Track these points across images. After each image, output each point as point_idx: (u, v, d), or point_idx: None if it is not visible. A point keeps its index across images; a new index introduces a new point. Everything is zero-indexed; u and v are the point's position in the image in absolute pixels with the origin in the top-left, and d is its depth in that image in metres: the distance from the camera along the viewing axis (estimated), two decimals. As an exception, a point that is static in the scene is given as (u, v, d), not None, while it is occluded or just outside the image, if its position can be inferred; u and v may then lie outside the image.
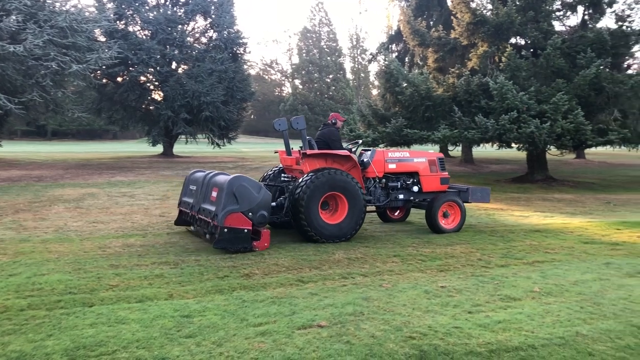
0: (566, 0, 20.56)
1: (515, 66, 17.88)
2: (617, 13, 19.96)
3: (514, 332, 4.46)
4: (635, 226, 10.30)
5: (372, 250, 7.72)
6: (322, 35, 79.83)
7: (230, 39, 29.79)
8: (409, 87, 19.35)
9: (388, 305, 5.14)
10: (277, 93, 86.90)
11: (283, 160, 9.80)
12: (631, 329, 4.59)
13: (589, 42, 17.59)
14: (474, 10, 19.48)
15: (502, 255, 7.53)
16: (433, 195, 9.75)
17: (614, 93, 16.91)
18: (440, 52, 22.31)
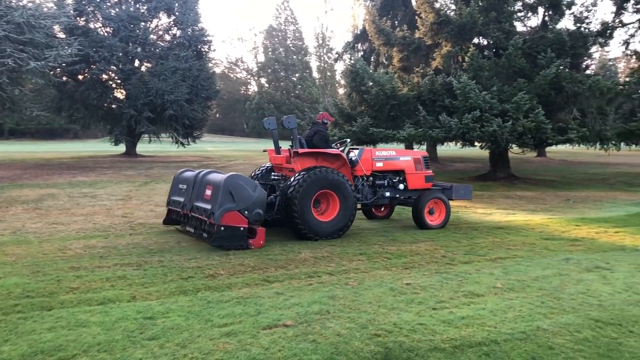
0: (527, 2, 21.01)
1: (478, 66, 18.18)
2: (576, 15, 20.51)
3: (477, 327, 4.52)
4: (594, 222, 10.60)
5: (338, 248, 7.73)
6: (288, 34, 79.76)
7: (194, 37, 29.47)
8: (374, 86, 19.47)
9: (354, 303, 5.15)
10: (243, 91, 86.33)
11: (273, 159, 9.84)
12: (589, 322, 4.71)
13: (549, 43, 18.01)
14: (437, 11, 19.72)
15: (466, 252, 7.63)
16: (418, 192, 9.99)
17: (573, 92, 17.35)
18: (405, 51, 22.51)
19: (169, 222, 9.26)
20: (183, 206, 8.54)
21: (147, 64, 29.63)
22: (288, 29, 79.80)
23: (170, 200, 9.20)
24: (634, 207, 13.15)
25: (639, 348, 4.16)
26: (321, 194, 8.56)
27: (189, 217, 8.37)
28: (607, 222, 10.60)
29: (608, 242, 8.55)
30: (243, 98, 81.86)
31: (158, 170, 21.26)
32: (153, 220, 10.02)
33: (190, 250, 7.46)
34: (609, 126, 17.93)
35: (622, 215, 11.72)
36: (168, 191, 9.55)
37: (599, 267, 6.82)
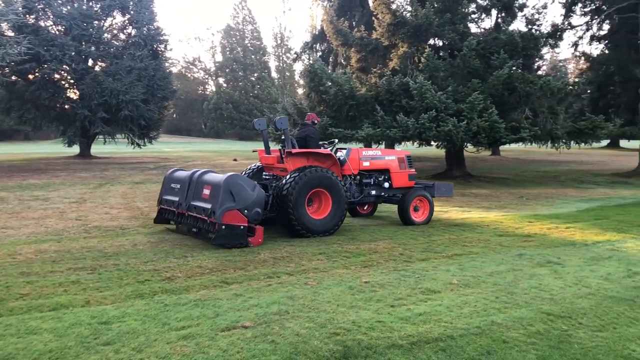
0: (481, 4, 21.49)
1: (433, 66, 18.48)
2: (527, 17, 21.10)
3: (434, 323, 4.60)
4: (546, 219, 10.93)
5: (297, 248, 7.73)
6: (246, 34, 79.31)
7: (150, 36, 28.96)
8: (333, 87, 19.54)
9: (313, 302, 5.16)
10: (201, 91, 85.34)
11: (263, 159, 10.02)
12: (541, 315, 4.86)
13: (501, 44, 18.47)
14: (394, 12, 19.95)
15: (423, 250, 7.75)
16: (402, 191, 10.37)
17: (525, 92, 17.83)
18: (363, 52, 22.70)
19: (160, 221, 9.39)
20: (178, 205, 8.66)
21: (101, 64, 28.93)
22: (246, 29, 79.35)
23: (162, 200, 9.29)
24: (584, 204, 13.62)
25: (587, 339, 4.32)
26: (314, 192, 8.83)
27: (186, 216, 8.49)
28: (558, 218, 10.94)
29: (559, 238, 8.82)
30: (201, 98, 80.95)
31: (113, 171, 20.80)
32: (108, 223, 9.81)
33: (147, 253, 7.33)
34: (560, 125, 18.49)
35: (573, 212, 12.12)
36: (125, 194, 9.38)
37: (551, 262, 7.04)
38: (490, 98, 17.60)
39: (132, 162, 26.07)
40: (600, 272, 6.48)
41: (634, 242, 8.51)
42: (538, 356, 3.97)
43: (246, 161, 25.91)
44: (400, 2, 22.21)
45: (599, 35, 26.19)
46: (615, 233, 9.28)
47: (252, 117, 61.56)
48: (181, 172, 9.29)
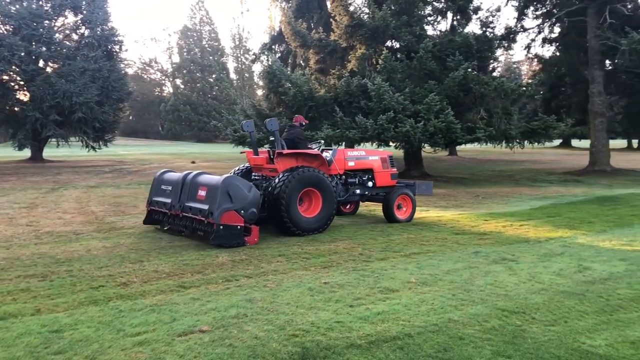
0: (437, 6, 21.89)
1: (391, 68, 18.68)
2: (482, 19, 21.61)
3: (392, 322, 4.64)
4: (501, 217, 11.17)
5: (257, 251, 7.66)
6: (204, 34, 78.45)
7: (104, 36, 28.30)
8: (292, 88, 19.53)
9: (272, 305, 5.13)
10: (157, 93, 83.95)
11: (252, 160, 10.21)
12: (496, 311, 4.95)
13: (457, 46, 18.83)
14: (351, 14, 20.10)
15: (382, 249, 7.81)
16: (385, 189, 10.72)
17: (480, 94, 18.22)
18: (321, 53, 22.77)
19: (150, 222, 9.56)
20: (171, 207, 8.79)
21: (53, 65, 28.10)
22: (203, 30, 78.49)
23: (152, 201, 9.45)
24: (537, 202, 14.00)
25: (540, 334, 4.42)
26: (305, 192, 9.06)
27: (180, 218, 8.64)
28: (512, 216, 11.21)
29: (514, 235, 9.03)
30: (158, 100, 79.62)
31: (67, 175, 20.23)
32: (61, 229, 9.52)
33: (101, 258, 7.14)
34: (514, 125, 18.98)
35: (527, 210, 12.43)
36: (79, 198, 9.13)
37: (506, 259, 7.19)
38: (447, 99, 17.92)
39: (86, 165, 25.42)
40: (553, 268, 6.66)
41: (585, 238, 8.79)
42: (493, 351, 4.05)
43: (205, 163, 25.62)
44: (358, 4, 22.41)
45: (550, 37, 27.04)
46: (567, 230, 9.56)
47: (210, 118, 60.97)
48: (172, 174, 9.50)
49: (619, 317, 4.85)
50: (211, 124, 27.58)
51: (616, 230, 9.52)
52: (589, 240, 8.61)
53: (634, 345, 4.20)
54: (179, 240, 8.33)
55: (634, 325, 4.65)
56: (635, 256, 7.38)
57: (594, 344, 4.21)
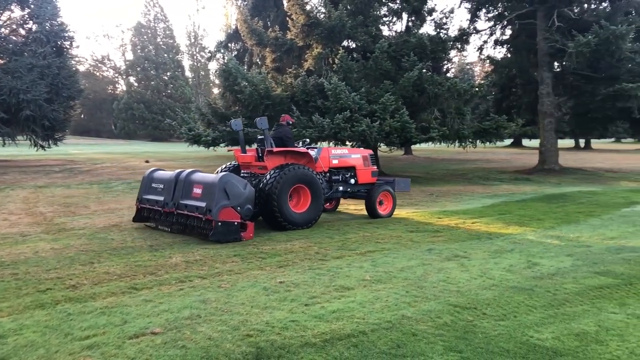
0: (392, 7, 22.12)
1: (347, 68, 18.79)
2: (436, 21, 21.98)
3: (346, 320, 4.66)
4: (454, 214, 11.39)
5: (211, 251, 7.57)
6: (158, 32, 77.01)
7: (53, 32, 27.37)
8: (248, 86, 19.40)
9: (226, 305, 5.08)
10: (110, 91, 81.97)
11: (240, 157, 10.50)
12: (448, 307, 5.05)
13: (412, 47, 19.09)
14: (308, 13, 20.10)
15: (338, 248, 7.85)
16: (366, 186, 11.17)
17: (434, 94, 18.54)
18: (278, 52, 22.69)
19: (139, 220, 9.70)
20: (164, 204, 9.02)
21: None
22: (158, 27, 77.00)
23: (142, 199, 9.62)
24: (489, 200, 14.34)
25: (490, 328, 4.53)
26: (294, 188, 9.44)
27: (174, 215, 8.86)
28: (465, 214, 11.45)
29: (466, 233, 9.23)
30: (110, 98, 77.73)
31: (14, 175, 19.51)
32: (6, 230, 9.17)
33: (50, 260, 6.92)
34: (466, 125, 19.39)
35: (479, 207, 12.72)
36: (27, 199, 8.80)
37: (458, 255, 7.34)
38: (402, 99, 18.16)
39: (35, 165, 24.56)
40: (503, 264, 6.83)
41: (534, 235, 9.05)
42: (445, 347, 4.12)
43: (159, 162, 25.17)
44: (314, 3, 22.44)
45: (501, 39, 27.71)
46: (517, 227, 9.83)
47: (164, 117, 59.89)
48: (163, 173, 9.73)
49: (565, 311, 5.01)
50: (165, 123, 27.11)
51: (564, 227, 9.85)
52: (537, 236, 8.88)
53: (578, 337, 4.35)
54: (131, 241, 8.16)
55: (579, 318, 4.81)
56: (581, 252, 7.65)
57: (541, 337, 4.34)
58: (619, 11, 22.18)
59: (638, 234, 9.13)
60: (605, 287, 5.82)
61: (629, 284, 5.93)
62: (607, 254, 7.51)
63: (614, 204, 13.18)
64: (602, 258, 7.22)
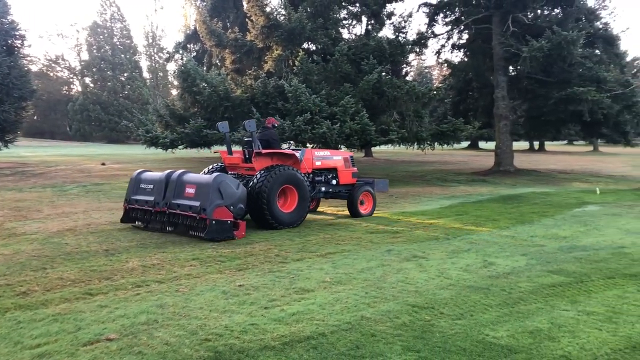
0: (352, 10, 22.28)
1: (307, 70, 18.82)
2: (395, 25, 22.26)
3: (306, 322, 4.66)
4: (413, 215, 11.54)
5: (169, 255, 7.45)
6: (115, 32, 75.38)
7: (3, 30, 26.49)
8: (207, 88, 19.20)
9: (184, 310, 5.00)
10: (65, 92, 79.71)
11: (227, 159, 10.89)
12: (407, 307, 5.10)
13: (371, 50, 19.25)
14: (268, 14, 20.02)
15: (298, 250, 7.84)
16: (347, 187, 11.57)
17: (393, 97, 18.74)
18: (237, 53, 22.54)
19: (127, 221, 9.84)
20: (155, 204, 9.20)
21: (-56, 59, 25.94)
22: (115, 26, 75.38)
23: (130, 200, 9.75)
24: (447, 201, 14.58)
25: (447, 327, 4.60)
26: (282, 189, 9.78)
27: (166, 214, 9.07)
28: (423, 215, 11.61)
29: (424, 233, 9.36)
30: (65, 98, 75.56)
31: (-39, 178, 18.74)
32: (-47, 236, 8.80)
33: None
34: (425, 128, 19.68)
35: (437, 208, 12.92)
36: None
37: (416, 256, 7.43)
38: (362, 102, 18.28)
39: (-16, 167, 23.66)
40: (460, 264, 6.96)
41: (490, 235, 9.25)
42: (403, 347, 4.16)
43: (116, 165, 24.63)
44: (274, 5, 22.41)
45: (459, 44, 28.18)
46: (473, 227, 10.03)
47: (121, 118, 58.71)
48: (151, 174, 9.92)
49: (520, 309, 5.14)
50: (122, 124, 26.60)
51: (518, 227, 10.10)
52: (493, 236, 9.08)
53: (532, 335, 4.47)
54: (86, 246, 7.95)
55: (532, 316, 4.94)
56: (535, 251, 7.86)
57: (496, 336, 4.44)
58: (570, 17, 22.92)
59: (589, 234, 9.45)
60: (557, 285, 6.00)
61: (580, 282, 6.13)
62: (559, 253, 7.75)
63: (566, 205, 13.60)
64: (555, 257, 7.44)
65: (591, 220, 11.02)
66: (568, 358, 4.05)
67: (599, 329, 4.64)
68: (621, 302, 5.39)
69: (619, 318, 4.92)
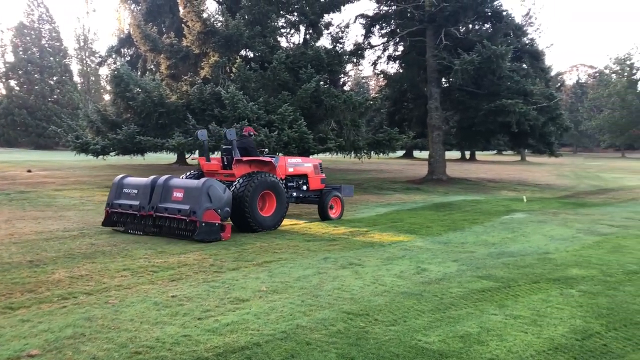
0: (290, 19, 22.36)
1: (245, 77, 18.71)
2: (333, 35, 22.49)
3: (241, 332, 4.60)
4: (349, 223, 11.64)
5: (99, 266, 7.17)
6: (43, 33, 72.25)
7: None
8: (141, 93, 18.73)
9: (114, 322, 4.83)
10: (-12, 95, 75.57)
11: (206, 166, 11.27)
12: (342, 315, 5.13)
13: (309, 59, 19.39)
14: (204, 20, 19.78)
15: (234, 259, 7.73)
16: (316, 192, 12.19)
17: (331, 106, 18.94)
18: (173, 59, 22.14)
19: (109, 224, 10.17)
20: (140, 208, 9.57)
21: None
22: (43, 28, 72.24)
23: (113, 204, 10.10)
24: (382, 209, 14.82)
25: (381, 334, 4.66)
26: (262, 194, 10.26)
27: (152, 218, 9.43)
28: (360, 222, 11.75)
29: (360, 241, 9.47)
30: (-12, 102, 71.64)
31: None
32: None
33: None
34: (361, 137, 19.99)
35: (373, 216, 13.10)
36: None
37: (353, 263, 7.50)
38: (300, 110, 18.35)
39: None
40: (394, 271, 7.08)
41: (423, 241, 9.47)
42: (338, 354, 4.18)
43: (43, 172, 23.55)
44: (211, 11, 22.16)
45: (394, 55, 28.79)
46: (407, 234, 10.24)
47: (50, 124, 56.24)
48: (135, 179, 10.36)
49: (451, 314, 5.28)
50: (51, 130, 25.54)
51: (450, 234, 10.39)
52: (426, 243, 9.30)
53: (462, 339, 4.60)
54: (8, 257, 7.53)
55: (463, 321, 5.08)
56: (465, 257, 8.11)
57: (428, 341, 4.53)
58: (500, 33, 23.91)
59: (516, 240, 9.85)
60: (487, 290, 6.21)
61: (507, 287, 6.37)
62: (488, 258, 8.03)
63: (495, 212, 14.13)
64: (485, 263, 7.71)
65: (518, 227, 11.49)
66: (496, 360, 4.18)
67: (524, 331, 4.83)
68: (545, 306, 5.64)
69: (543, 321, 5.14)
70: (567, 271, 7.28)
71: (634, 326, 5.05)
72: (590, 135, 78.48)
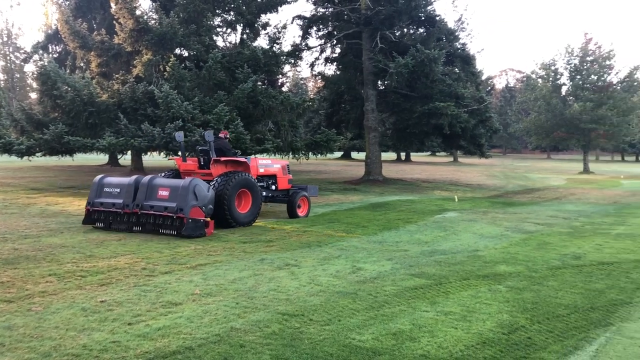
0: (226, 18, 22.09)
1: (179, 76, 18.31)
2: (270, 35, 22.38)
3: (173, 337, 4.49)
4: (287, 224, 11.62)
5: (22, 271, 6.81)
6: (-37, 27, 68.16)
7: None
8: (69, 91, 17.96)
9: (37, 330, 4.60)
10: None
11: (183, 165, 11.90)
12: (277, 316, 5.11)
13: (246, 59, 19.21)
14: (137, 18, 19.18)
15: (167, 262, 7.55)
16: (284, 192, 12.96)
17: (268, 106, 18.86)
18: (104, 56, 21.34)
19: (89, 222, 10.52)
20: (124, 206, 10.02)
21: None
22: (-38, 21, 68.23)
23: (94, 202, 10.44)
24: (320, 209, 14.89)
25: (316, 334, 4.67)
26: (239, 192, 10.91)
27: (137, 215, 9.89)
28: (298, 223, 11.74)
29: (297, 241, 9.46)
30: None
31: None
32: None
33: None
34: (299, 138, 20.04)
35: (311, 217, 13.12)
36: None
37: (289, 264, 7.49)
38: (236, 110, 18.16)
39: None
40: (330, 270, 7.12)
41: (359, 241, 9.58)
42: (272, 356, 4.15)
43: (-38, 174, 22.20)
44: (145, 8, 21.57)
45: (332, 57, 29.02)
46: (344, 234, 10.33)
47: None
48: (116, 178, 10.88)
49: (385, 312, 5.36)
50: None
51: (385, 233, 10.57)
52: (362, 242, 9.42)
53: (395, 336, 4.67)
54: None
55: (396, 318, 5.17)
56: (399, 256, 8.26)
57: (362, 339, 4.58)
58: (433, 37, 24.55)
59: (448, 238, 10.14)
60: (419, 287, 6.35)
61: (439, 284, 6.53)
62: (421, 257, 8.22)
63: (428, 211, 14.50)
64: (418, 261, 7.88)
65: (450, 226, 11.83)
66: (427, 357, 4.28)
67: (455, 327, 4.97)
68: (474, 302, 5.82)
69: (472, 316, 5.31)
70: (495, 268, 7.55)
71: (556, 319, 5.30)
72: (519, 137, 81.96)
